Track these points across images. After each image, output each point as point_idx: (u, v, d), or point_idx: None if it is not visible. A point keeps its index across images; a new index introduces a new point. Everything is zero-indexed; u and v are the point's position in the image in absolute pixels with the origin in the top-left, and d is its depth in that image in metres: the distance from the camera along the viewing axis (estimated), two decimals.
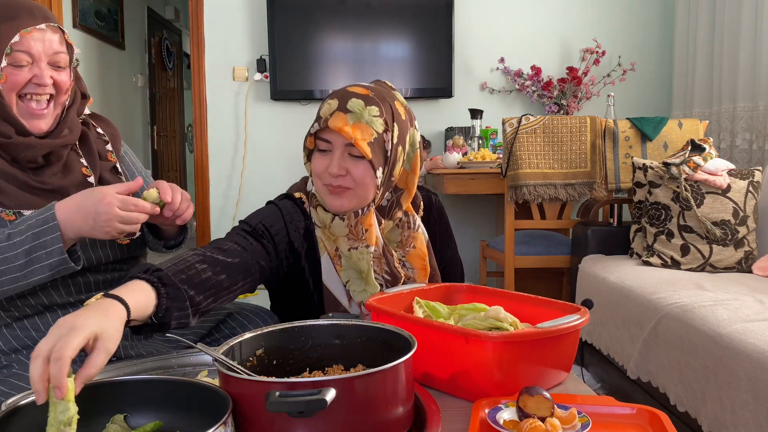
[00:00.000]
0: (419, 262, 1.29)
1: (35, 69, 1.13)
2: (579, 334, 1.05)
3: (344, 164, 1.15)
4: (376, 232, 1.21)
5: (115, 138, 1.34)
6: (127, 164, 1.36)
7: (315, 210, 1.22)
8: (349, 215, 1.19)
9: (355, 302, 1.23)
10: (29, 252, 1.01)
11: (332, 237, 1.21)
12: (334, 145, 1.15)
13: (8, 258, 1.01)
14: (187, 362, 1.03)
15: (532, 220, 2.93)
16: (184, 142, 7.15)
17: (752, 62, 2.93)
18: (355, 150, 1.14)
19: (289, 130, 3.88)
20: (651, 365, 1.94)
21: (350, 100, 1.14)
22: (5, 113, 1.13)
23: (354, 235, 1.20)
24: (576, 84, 3.71)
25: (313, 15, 3.75)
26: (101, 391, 0.79)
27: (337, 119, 1.13)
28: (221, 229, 3.90)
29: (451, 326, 1.02)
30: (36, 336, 1.14)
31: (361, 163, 1.15)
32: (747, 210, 2.32)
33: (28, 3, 1.14)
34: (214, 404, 0.74)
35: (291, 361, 0.92)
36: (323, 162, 1.17)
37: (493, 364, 0.95)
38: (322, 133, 1.16)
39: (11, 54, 1.10)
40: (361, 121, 1.13)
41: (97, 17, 4.77)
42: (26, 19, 1.11)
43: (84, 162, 1.24)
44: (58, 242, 1.02)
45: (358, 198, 1.18)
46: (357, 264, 1.20)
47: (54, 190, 1.16)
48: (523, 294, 1.21)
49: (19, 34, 1.10)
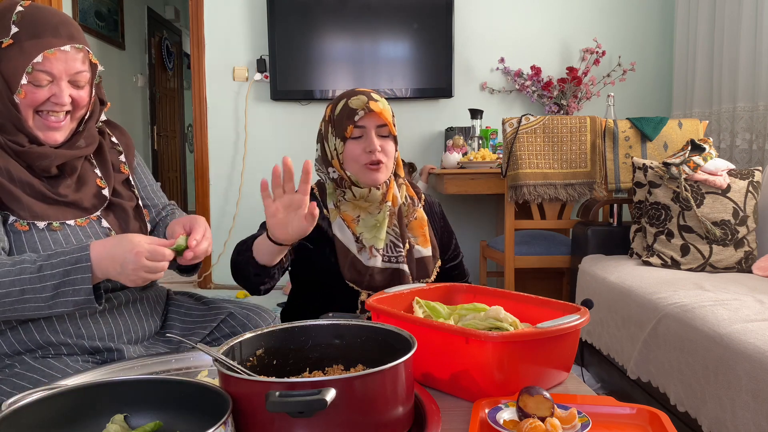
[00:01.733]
0: (419, 230, 1.53)
1: (54, 88, 1.13)
2: (579, 334, 1.05)
3: (379, 142, 1.42)
4: (394, 191, 1.49)
5: (128, 149, 1.34)
6: (138, 176, 1.36)
7: (349, 189, 1.47)
8: (382, 185, 1.46)
9: (365, 250, 1.46)
10: (57, 287, 1.03)
11: (366, 205, 1.46)
12: (367, 129, 1.42)
13: (36, 289, 1.02)
14: (187, 362, 1.04)
15: (532, 220, 2.93)
16: (184, 142, 7.15)
17: (752, 62, 2.93)
18: (383, 131, 1.43)
19: (289, 130, 3.88)
20: (651, 365, 1.94)
21: (372, 94, 1.44)
22: (20, 125, 1.13)
23: (384, 198, 1.46)
24: (576, 84, 3.71)
25: (313, 15, 3.75)
26: (101, 391, 0.79)
27: (374, 104, 1.41)
28: (221, 229, 3.90)
29: (451, 326, 1.02)
30: (40, 339, 1.13)
31: (389, 140, 1.45)
32: (747, 210, 2.32)
33: (54, 18, 1.13)
34: (214, 404, 0.74)
35: (291, 361, 0.92)
36: (359, 146, 1.43)
37: (493, 364, 0.95)
38: (359, 121, 1.41)
39: (32, 73, 1.10)
40: (386, 106, 1.44)
41: (97, 17, 4.77)
42: (50, 39, 1.10)
43: (98, 173, 1.24)
44: (87, 283, 1.03)
45: (388, 170, 1.46)
46: (377, 219, 1.46)
47: (69, 203, 1.16)
48: (523, 294, 1.21)
49: (42, 54, 1.10)
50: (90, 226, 1.19)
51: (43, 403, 0.75)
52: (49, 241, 1.12)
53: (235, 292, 3.69)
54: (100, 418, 0.78)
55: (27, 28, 1.10)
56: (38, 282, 1.02)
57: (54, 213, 1.14)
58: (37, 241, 1.12)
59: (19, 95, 1.11)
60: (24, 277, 1.02)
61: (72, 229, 1.16)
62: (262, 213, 1.26)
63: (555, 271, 3.23)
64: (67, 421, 0.76)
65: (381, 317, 1.07)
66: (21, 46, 1.09)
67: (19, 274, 1.02)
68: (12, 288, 1.01)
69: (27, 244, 1.11)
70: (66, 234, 1.15)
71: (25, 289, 1.02)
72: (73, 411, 0.77)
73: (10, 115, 1.12)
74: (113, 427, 0.77)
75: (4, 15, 1.11)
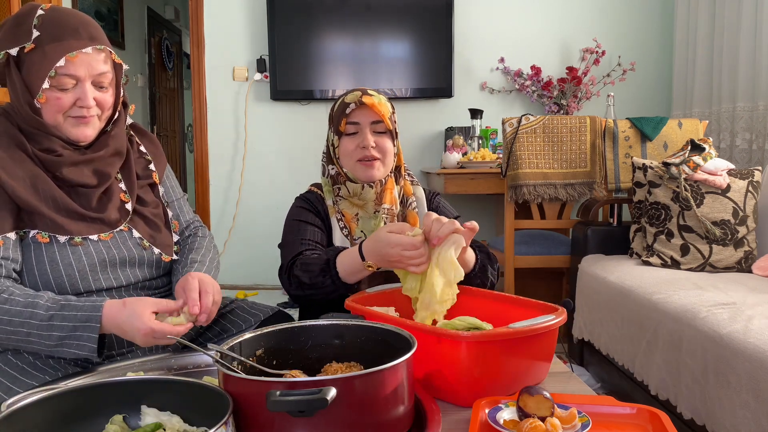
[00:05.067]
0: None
1: (78, 91, 1.13)
2: (556, 334, 1.05)
3: (374, 138, 1.42)
4: (394, 193, 1.47)
5: (158, 159, 1.34)
6: (167, 188, 1.36)
7: (331, 189, 1.48)
8: (377, 184, 1.44)
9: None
10: (63, 338, 1.04)
11: (360, 203, 1.45)
12: (362, 125, 1.42)
13: (42, 336, 1.04)
14: (187, 362, 1.04)
15: (532, 220, 2.93)
16: (184, 142, 7.15)
17: (752, 62, 2.93)
18: (378, 127, 1.42)
19: (289, 130, 3.88)
20: (651, 365, 1.94)
21: (369, 90, 1.44)
22: (46, 130, 1.13)
23: (379, 199, 1.45)
24: (576, 84, 3.71)
25: (313, 15, 3.75)
26: (101, 391, 0.79)
27: (367, 98, 1.41)
28: (221, 229, 3.90)
29: (424, 326, 1.02)
30: None
31: (385, 136, 1.44)
32: (747, 210, 2.32)
33: (75, 20, 1.13)
34: (215, 404, 0.74)
35: (291, 362, 0.92)
36: (353, 142, 1.43)
37: (465, 364, 0.95)
38: (352, 116, 1.42)
39: (56, 77, 1.10)
40: (382, 101, 1.43)
41: (97, 17, 4.77)
42: (72, 41, 1.11)
43: (123, 187, 1.24)
44: (93, 342, 1.04)
45: (384, 167, 1.45)
46: (368, 225, 1.44)
47: (94, 219, 1.16)
48: (503, 294, 1.23)
49: (65, 58, 1.10)
50: (116, 238, 1.19)
51: (43, 403, 0.75)
52: (69, 255, 1.13)
53: (235, 292, 3.69)
54: (100, 418, 0.78)
55: (48, 32, 1.10)
56: (46, 330, 1.04)
57: (77, 227, 1.14)
58: (57, 255, 1.12)
59: (40, 99, 1.11)
60: (33, 323, 1.04)
61: (94, 243, 1.16)
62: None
63: (555, 271, 3.23)
64: (67, 421, 0.76)
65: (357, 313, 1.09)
66: (43, 50, 1.09)
67: (30, 317, 1.04)
68: (20, 329, 1.04)
69: (47, 257, 1.11)
70: (87, 248, 1.15)
71: (32, 333, 1.04)
72: (73, 411, 0.77)
73: (31, 120, 1.12)
74: (113, 427, 0.77)
75: (25, 20, 1.11)
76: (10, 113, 1.15)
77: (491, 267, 1.41)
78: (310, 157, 3.81)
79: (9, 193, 1.09)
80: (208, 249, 1.33)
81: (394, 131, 1.47)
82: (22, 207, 1.10)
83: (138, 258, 1.21)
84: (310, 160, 3.82)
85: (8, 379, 1.08)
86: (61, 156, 1.14)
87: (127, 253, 1.19)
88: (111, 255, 1.17)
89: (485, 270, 1.38)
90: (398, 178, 1.52)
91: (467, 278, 1.31)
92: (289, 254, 1.38)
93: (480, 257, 1.38)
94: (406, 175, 1.55)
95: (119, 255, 1.18)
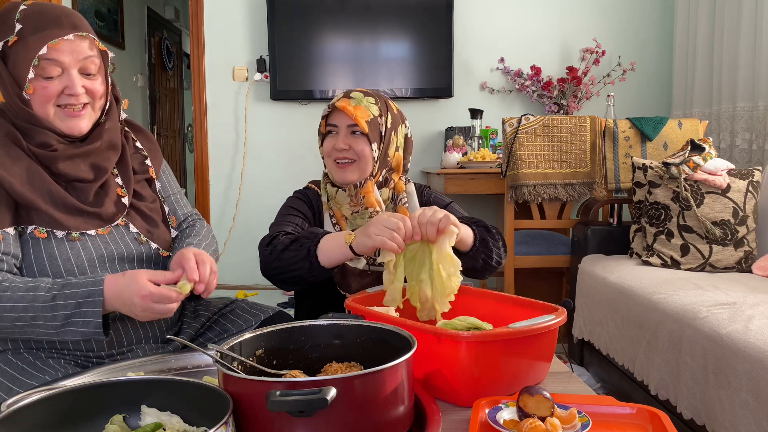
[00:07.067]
0: None
1: (66, 79, 1.12)
2: (556, 334, 1.05)
3: (348, 140, 1.43)
4: (375, 196, 1.46)
5: (154, 154, 1.34)
6: (163, 183, 1.36)
7: (325, 187, 1.50)
8: (350, 187, 1.45)
9: None
10: (68, 317, 1.04)
11: (338, 205, 1.48)
12: (339, 127, 1.44)
13: (47, 317, 1.04)
14: (187, 362, 1.04)
15: (532, 220, 2.93)
16: (184, 142, 7.15)
17: (752, 62, 2.93)
18: (357, 129, 1.42)
19: (289, 130, 3.88)
20: (651, 365, 1.94)
21: (353, 92, 1.46)
22: (39, 123, 1.13)
23: (354, 202, 1.45)
24: (576, 84, 3.71)
25: (313, 15, 3.75)
26: (101, 391, 0.79)
27: (342, 102, 1.43)
28: (221, 229, 3.90)
29: (423, 326, 1.02)
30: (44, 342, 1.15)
31: (361, 138, 1.43)
32: (747, 210, 2.32)
33: (57, 11, 1.13)
34: (215, 404, 0.74)
35: (291, 362, 0.92)
36: (331, 142, 1.45)
37: (464, 364, 0.95)
38: (330, 118, 1.45)
39: (39, 65, 1.10)
40: (361, 104, 1.43)
41: (97, 17, 4.77)
42: (54, 30, 1.10)
43: (119, 182, 1.24)
44: (98, 317, 1.04)
45: (360, 170, 1.44)
46: (359, 223, 1.45)
47: (91, 213, 1.16)
48: (504, 294, 1.23)
49: (47, 45, 1.09)
50: (113, 233, 1.19)
51: (43, 403, 0.75)
52: (68, 250, 1.13)
53: (235, 292, 3.69)
54: (100, 418, 0.78)
55: (30, 23, 1.10)
56: (50, 311, 1.04)
57: (74, 222, 1.14)
58: (55, 250, 1.12)
59: (27, 90, 1.11)
60: (37, 305, 1.04)
61: (92, 238, 1.16)
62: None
63: (555, 271, 3.23)
64: (67, 421, 0.76)
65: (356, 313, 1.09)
66: (26, 41, 1.10)
67: (33, 300, 1.04)
68: (25, 313, 1.03)
69: (45, 252, 1.11)
70: (85, 243, 1.15)
71: (37, 316, 1.04)
72: (73, 411, 0.77)
73: (22, 113, 1.12)
74: (113, 427, 0.77)
75: (8, 16, 1.12)
76: (5, 111, 1.15)
77: (492, 239, 1.38)
78: (309, 157, 3.81)
79: (6, 189, 1.09)
80: (205, 237, 1.33)
81: (380, 134, 1.44)
82: (19, 203, 1.11)
83: (136, 253, 1.21)
84: (309, 160, 3.82)
85: (8, 379, 1.08)
86: (56, 150, 1.14)
87: (124, 249, 1.19)
88: (109, 250, 1.17)
89: (486, 243, 1.36)
90: (388, 181, 1.51)
91: (470, 255, 1.33)
92: (275, 230, 1.42)
93: (478, 231, 1.36)
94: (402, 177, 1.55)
95: (117, 250, 1.18)
